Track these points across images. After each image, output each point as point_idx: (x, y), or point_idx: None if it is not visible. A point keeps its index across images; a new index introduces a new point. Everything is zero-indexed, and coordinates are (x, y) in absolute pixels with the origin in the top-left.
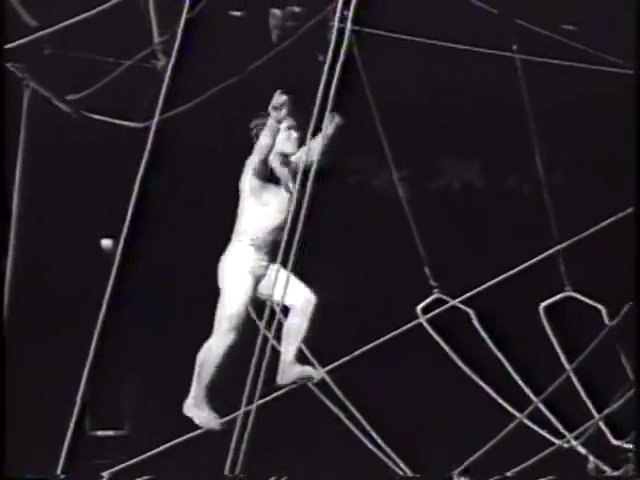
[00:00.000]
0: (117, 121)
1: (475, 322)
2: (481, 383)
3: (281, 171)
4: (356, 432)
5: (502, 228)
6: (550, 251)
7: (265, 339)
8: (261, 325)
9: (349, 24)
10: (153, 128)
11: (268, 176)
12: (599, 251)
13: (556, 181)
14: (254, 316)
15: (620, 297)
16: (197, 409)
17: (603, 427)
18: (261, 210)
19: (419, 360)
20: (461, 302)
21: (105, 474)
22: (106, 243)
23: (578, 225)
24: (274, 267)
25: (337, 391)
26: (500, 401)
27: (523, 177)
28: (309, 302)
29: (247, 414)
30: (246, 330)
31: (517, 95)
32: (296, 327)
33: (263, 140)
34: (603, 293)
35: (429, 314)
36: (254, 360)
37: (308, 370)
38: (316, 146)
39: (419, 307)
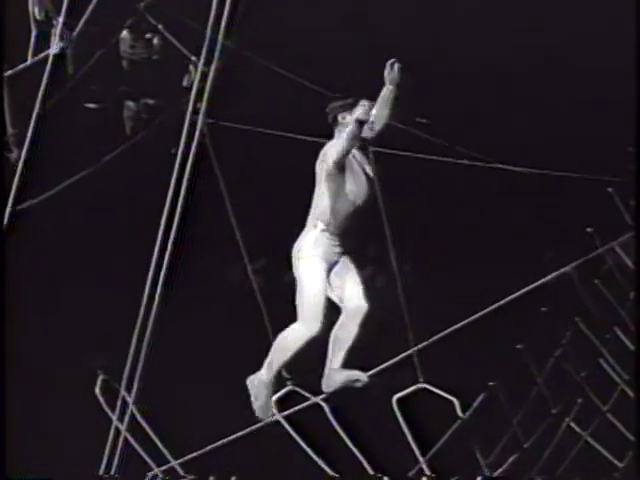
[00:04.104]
0: None
1: (329, 415)
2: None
3: (360, 157)
4: None
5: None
6: (409, 352)
7: None
8: None
9: (202, 116)
10: (6, 219)
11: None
12: (455, 346)
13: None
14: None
15: (473, 390)
16: (258, 390)
17: None
18: (337, 195)
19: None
20: (316, 395)
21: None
22: None
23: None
24: (346, 257)
25: None
26: None
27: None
28: (360, 309)
29: None
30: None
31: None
32: (346, 334)
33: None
34: (456, 386)
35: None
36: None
37: (356, 374)
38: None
39: (273, 398)
